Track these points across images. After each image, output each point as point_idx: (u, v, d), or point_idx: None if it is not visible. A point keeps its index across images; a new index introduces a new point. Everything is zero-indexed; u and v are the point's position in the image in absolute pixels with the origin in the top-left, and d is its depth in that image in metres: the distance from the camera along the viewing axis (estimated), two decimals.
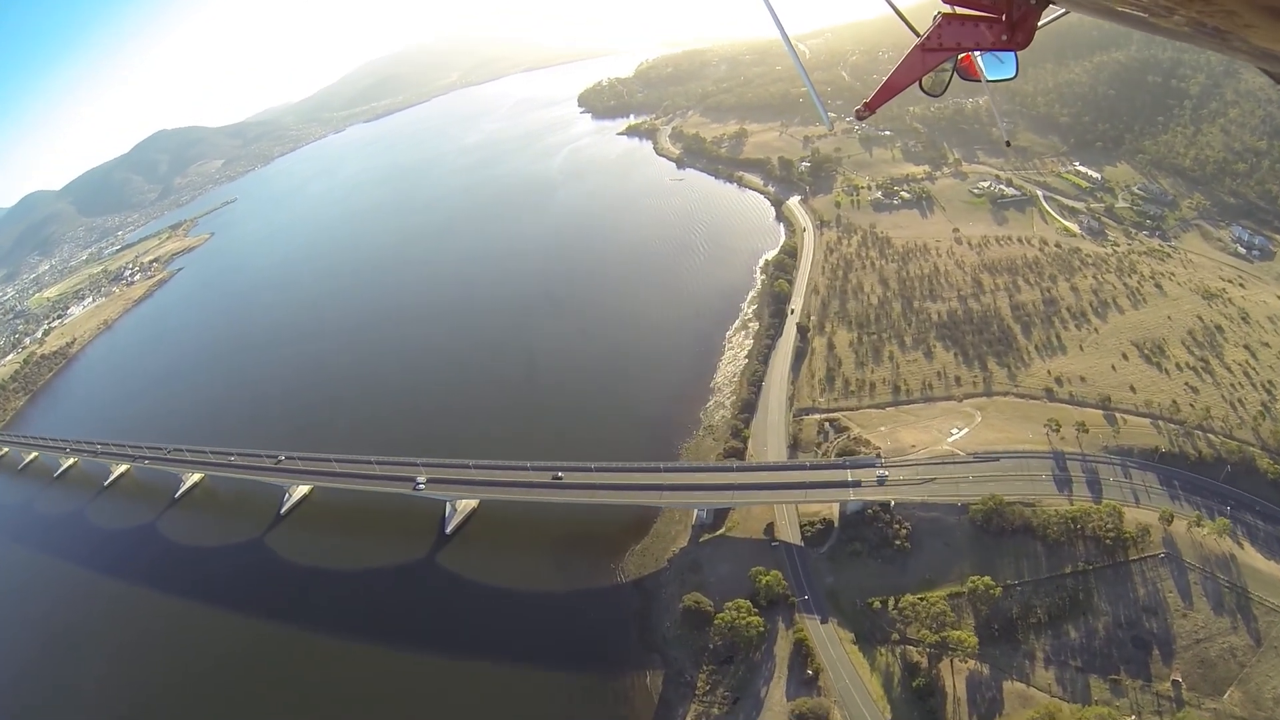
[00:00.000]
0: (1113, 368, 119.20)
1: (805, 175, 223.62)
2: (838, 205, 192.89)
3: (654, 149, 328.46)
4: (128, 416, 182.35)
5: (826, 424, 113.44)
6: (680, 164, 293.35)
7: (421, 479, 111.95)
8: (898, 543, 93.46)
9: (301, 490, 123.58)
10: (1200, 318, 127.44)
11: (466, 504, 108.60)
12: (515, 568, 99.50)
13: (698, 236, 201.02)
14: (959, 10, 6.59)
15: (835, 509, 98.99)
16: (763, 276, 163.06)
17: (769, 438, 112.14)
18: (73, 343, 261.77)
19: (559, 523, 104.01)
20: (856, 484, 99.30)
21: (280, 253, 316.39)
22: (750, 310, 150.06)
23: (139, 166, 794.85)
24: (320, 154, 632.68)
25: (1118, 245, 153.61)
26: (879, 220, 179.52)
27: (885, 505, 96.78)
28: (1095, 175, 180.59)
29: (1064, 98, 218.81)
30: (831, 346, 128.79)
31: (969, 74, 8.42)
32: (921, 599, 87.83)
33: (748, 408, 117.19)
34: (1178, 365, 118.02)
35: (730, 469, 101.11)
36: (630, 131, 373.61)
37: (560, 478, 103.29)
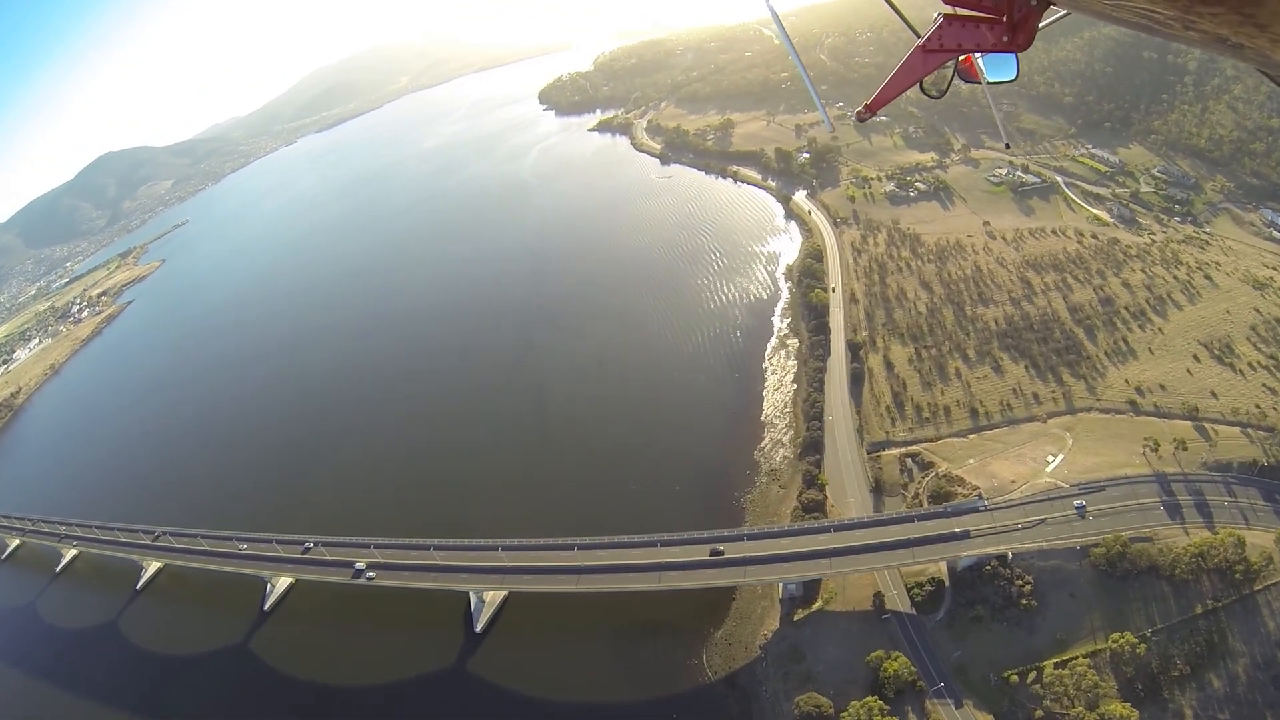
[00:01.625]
0: (1188, 372, 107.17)
1: (807, 167, 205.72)
2: (851, 199, 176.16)
3: (631, 144, 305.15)
4: (80, 481, 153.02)
5: (908, 459, 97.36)
6: (664, 160, 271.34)
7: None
8: (1024, 602, 78.96)
9: (285, 580, 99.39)
10: (1257, 310, 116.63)
11: (495, 594, 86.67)
12: (571, 672, 79.05)
13: (705, 241, 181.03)
14: (960, 11, 6.29)
15: (943, 565, 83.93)
16: (790, 284, 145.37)
17: (846, 481, 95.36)
18: (18, 392, 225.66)
19: (615, 609, 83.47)
20: (965, 534, 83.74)
21: (236, 280, 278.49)
22: (785, 325, 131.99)
23: (86, 192, 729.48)
24: (272, 168, 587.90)
25: (1153, 234, 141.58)
26: (900, 215, 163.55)
27: (1002, 558, 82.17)
28: (1112, 159, 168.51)
29: (1061, 76, 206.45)
30: (890, 365, 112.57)
31: (969, 75, 8.14)
32: (1063, 664, 74.48)
33: (813, 446, 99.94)
34: (1250, 365, 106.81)
35: (819, 529, 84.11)
36: (602, 127, 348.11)
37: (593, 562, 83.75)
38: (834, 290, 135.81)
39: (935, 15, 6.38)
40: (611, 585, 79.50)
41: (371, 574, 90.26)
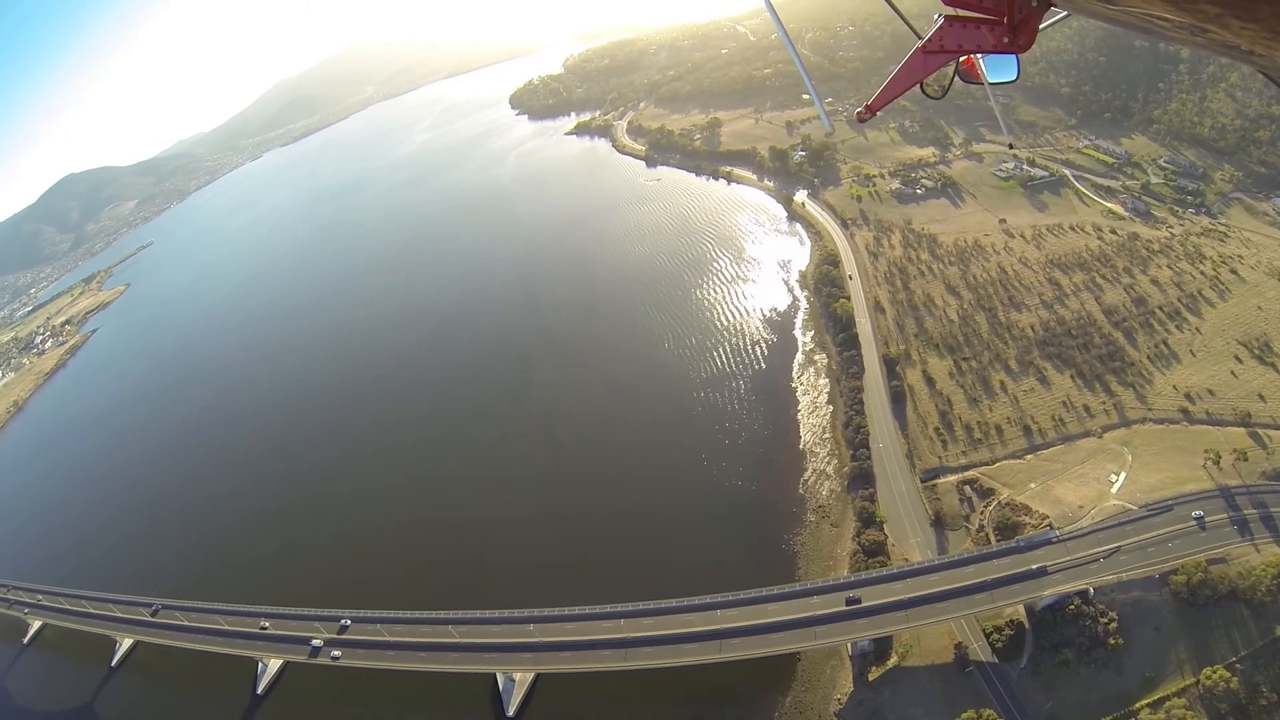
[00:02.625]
0: (1233, 374, 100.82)
1: (805, 166, 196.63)
2: (858, 199, 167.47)
3: (613, 147, 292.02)
4: (47, 538, 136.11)
5: (965, 487, 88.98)
6: (650, 162, 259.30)
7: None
8: (1111, 641, 71.61)
9: (277, 662, 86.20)
10: None
11: (525, 674, 75.07)
12: None
13: (708, 248, 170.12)
14: (960, 13, 6.20)
15: (1020, 607, 76.01)
16: (807, 293, 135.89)
17: (902, 515, 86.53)
18: None
19: (667, 679, 72.32)
20: (1042, 571, 75.76)
21: (204, 304, 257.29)
22: (809, 338, 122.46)
23: (49, 216, 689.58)
24: (239, 184, 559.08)
25: (1171, 227, 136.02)
26: (910, 214, 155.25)
27: (1084, 594, 74.58)
28: (1117, 150, 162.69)
29: (1055, 66, 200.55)
30: (931, 380, 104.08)
31: (970, 76, 8.03)
32: (1156, 705, 67.77)
33: (861, 477, 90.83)
34: None
35: (889, 578, 75.12)
36: (580, 130, 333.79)
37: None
38: (857, 298, 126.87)
39: (936, 16, 6.25)
40: (667, 661, 68.77)
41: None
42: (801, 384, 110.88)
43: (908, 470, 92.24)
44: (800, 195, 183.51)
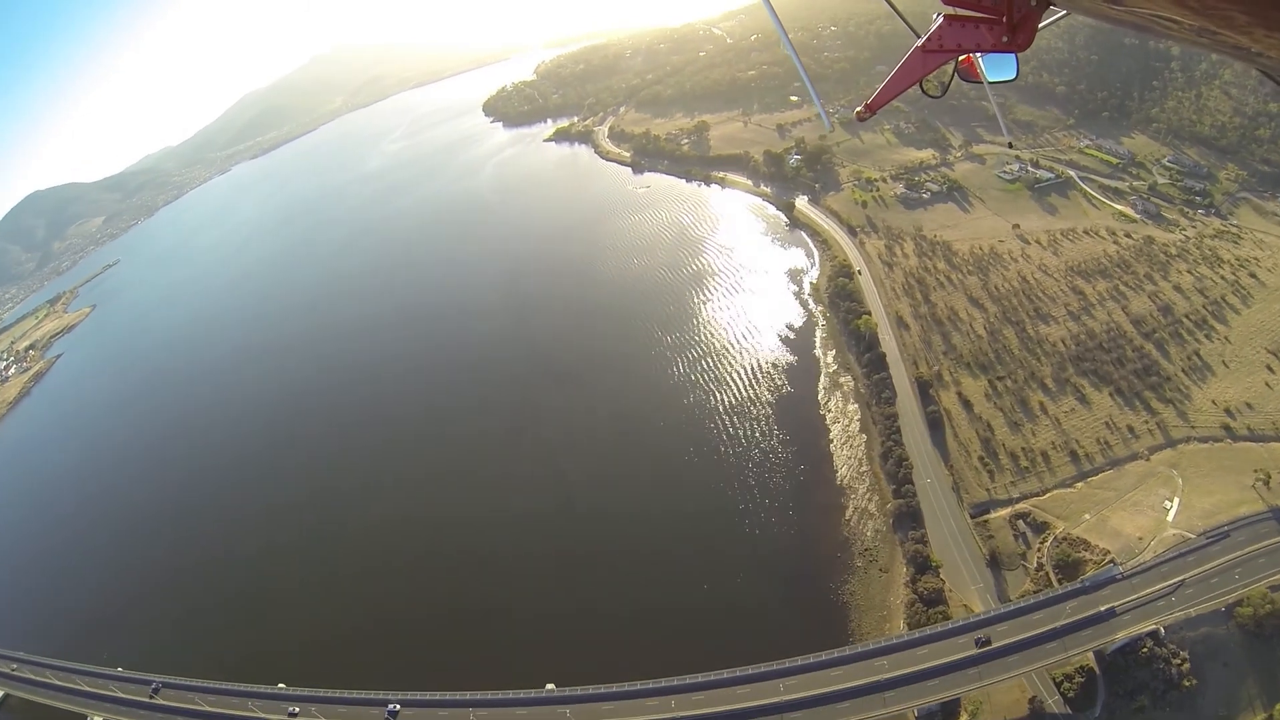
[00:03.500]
0: (1267, 385, 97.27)
1: (802, 170, 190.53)
2: (863, 204, 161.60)
3: (596, 153, 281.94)
4: (12, 596, 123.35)
5: (1019, 521, 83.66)
6: (637, 168, 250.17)
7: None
8: (1185, 683, 67.10)
9: None
10: None
11: None
12: None
13: (709, 260, 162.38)
14: (960, 12, 6.14)
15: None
16: (822, 307, 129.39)
17: (956, 556, 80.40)
18: None
19: None
20: (1110, 613, 70.70)
21: (172, 327, 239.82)
22: (831, 359, 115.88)
23: (14, 235, 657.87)
24: (207, 199, 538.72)
25: (1183, 229, 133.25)
26: (919, 219, 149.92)
27: (1155, 635, 69.81)
28: (1120, 150, 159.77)
29: (1047, 65, 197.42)
30: (968, 404, 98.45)
31: (969, 75, 7.93)
32: None
33: (908, 515, 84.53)
34: None
35: (955, 631, 69.24)
36: (559, 137, 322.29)
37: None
38: (877, 312, 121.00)
39: (935, 15, 6.22)
40: None
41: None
42: (830, 410, 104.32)
43: (955, 505, 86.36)
44: (802, 201, 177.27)
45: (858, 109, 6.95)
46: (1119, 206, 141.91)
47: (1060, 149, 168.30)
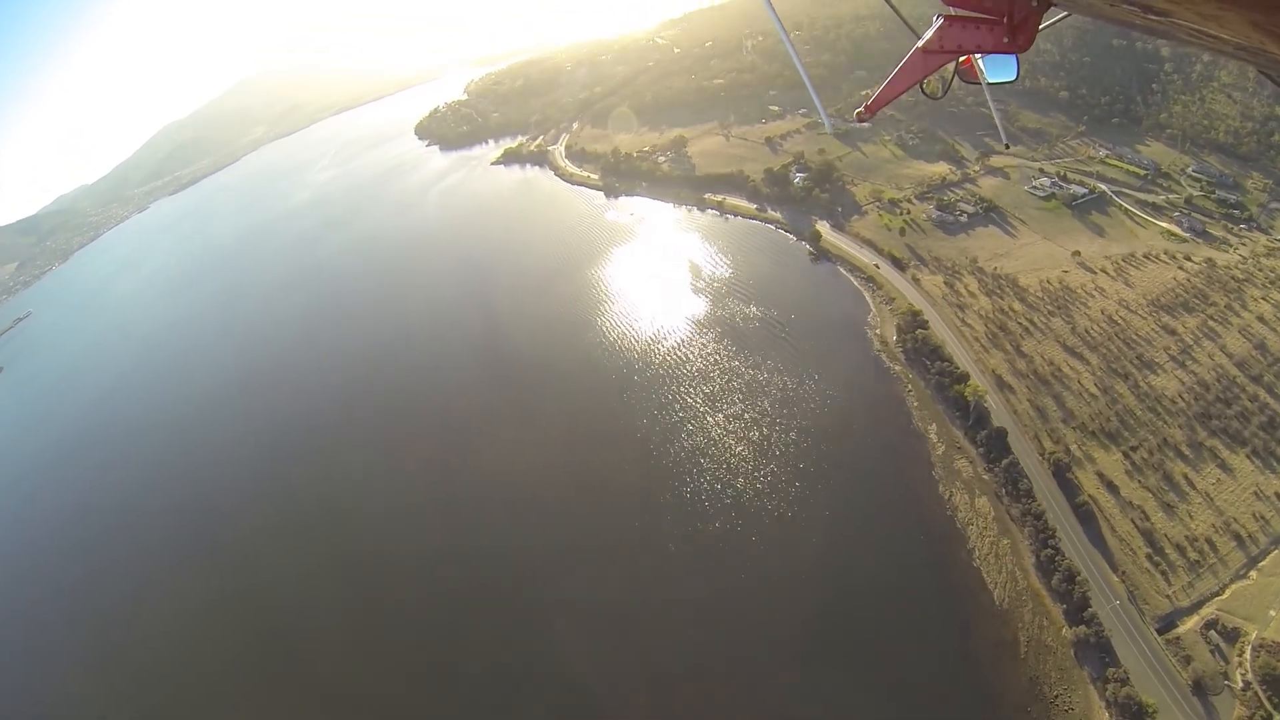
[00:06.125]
0: None
1: (814, 191, 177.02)
2: (901, 232, 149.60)
3: (556, 176, 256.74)
4: None
5: (1210, 631, 73.65)
6: (611, 192, 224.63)
7: None
8: None
9: None
10: None
11: None
12: None
13: (735, 305, 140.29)
14: (960, 13, 6.04)
15: None
16: (900, 367, 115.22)
17: (1152, 684, 68.47)
18: None
19: None
20: None
21: (92, 395, 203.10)
22: (934, 435, 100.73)
23: None
24: (125, 239, 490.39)
25: (1234, 247, 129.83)
26: (965, 247, 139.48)
27: None
28: (1145, 160, 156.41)
29: (1039, 69, 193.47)
30: (1112, 486, 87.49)
31: (969, 76, 8.08)
32: None
33: (1096, 646, 72.33)
34: None
35: None
36: (508, 158, 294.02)
37: None
38: (971, 371, 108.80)
39: (935, 16, 6.08)
40: None
41: None
42: (958, 509, 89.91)
43: (1136, 618, 74.83)
44: (823, 226, 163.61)
45: (857, 110, 6.99)
46: (1164, 224, 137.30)
47: (1080, 159, 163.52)
